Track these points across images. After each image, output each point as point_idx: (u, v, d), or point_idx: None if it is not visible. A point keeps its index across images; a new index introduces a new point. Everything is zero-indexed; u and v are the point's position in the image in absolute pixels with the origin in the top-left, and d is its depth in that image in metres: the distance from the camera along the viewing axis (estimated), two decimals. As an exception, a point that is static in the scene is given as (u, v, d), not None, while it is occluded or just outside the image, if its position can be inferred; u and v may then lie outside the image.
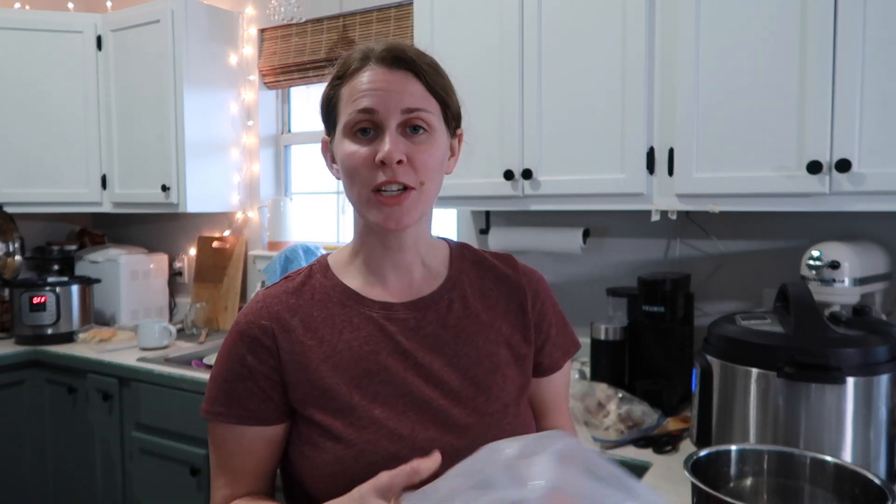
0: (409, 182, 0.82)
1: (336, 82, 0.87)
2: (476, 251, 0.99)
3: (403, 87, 0.83)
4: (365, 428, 0.82)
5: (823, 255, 1.45)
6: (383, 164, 0.81)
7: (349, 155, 0.83)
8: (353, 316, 0.88)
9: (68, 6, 3.16)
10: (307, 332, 0.86)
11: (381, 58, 0.84)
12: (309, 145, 2.91)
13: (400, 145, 0.81)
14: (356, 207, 0.87)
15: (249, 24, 2.85)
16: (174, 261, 3.11)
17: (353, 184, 0.84)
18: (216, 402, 0.86)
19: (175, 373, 2.19)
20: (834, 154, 1.41)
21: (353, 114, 0.83)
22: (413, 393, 0.84)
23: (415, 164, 0.82)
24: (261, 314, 0.87)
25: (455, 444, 0.82)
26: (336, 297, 0.89)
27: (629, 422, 1.58)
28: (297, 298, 0.89)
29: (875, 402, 1.22)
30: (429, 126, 0.84)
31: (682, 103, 1.59)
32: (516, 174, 1.81)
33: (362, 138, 0.83)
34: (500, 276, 0.96)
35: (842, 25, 1.39)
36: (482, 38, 1.85)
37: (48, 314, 2.64)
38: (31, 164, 2.75)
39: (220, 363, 0.88)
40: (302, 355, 0.85)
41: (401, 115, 0.82)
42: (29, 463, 2.58)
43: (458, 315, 0.90)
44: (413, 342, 0.87)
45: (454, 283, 0.93)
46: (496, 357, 0.90)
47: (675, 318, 1.74)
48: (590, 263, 2.10)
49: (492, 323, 0.92)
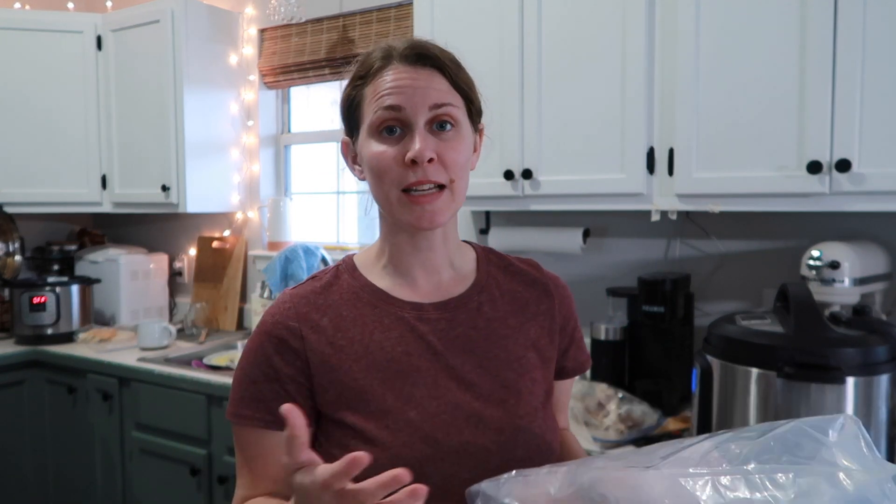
0: (440, 180, 0.81)
1: (358, 82, 0.86)
2: (501, 255, 0.99)
3: (429, 83, 0.82)
4: (400, 430, 0.80)
5: (823, 255, 1.45)
6: (413, 164, 0.80)
7: (377, 155, 0.82)
8: (384, 316, 0.87)
9: (68, 6, 3.16)
10: (337, 333, 0.85)
11: (404, 55, 0.83)
12: (309, 145, 2.91)
13: (430, 143, 0.80)
14: (385, 208, 0.86)
15: (249, 24, 2.85)
16: (174, 261, 3.11)
17: (382, 184, 0.83)
18: (241, 404, 0.85)
19: (175, 373, 2.19)
20: (834, 154, 1.41)
21: (378, 112, 0.82)
22: (446, 395, 0.83)
23: (444, 162, 0.81)
24: (288, 315, 0.86)
25: (488, 445, 0.81)
26: (366, 297, 0.88)
27: (629, 422, 1.58)
28: (325, 298, 0.88)
29: (875, 402, 1.22)
30: (455, 122, 0.83)
31: (682, 103, 1.59)
32: (516, 174, 1.81)
33: (389, 137, 0.82)
34: (527, 281, 0.96)
35: (842, 25, 1.39)
36: (482, 37, 1.85)
37: (48, 314, 2.64)
38: (31, 164, 2.75)
39: (245, 364, 0.86)
40: (333, 356, 0.84)
41: (428, 111, 0.81)
42: (29, 463, 2.59)
43: (488, 317, 0.89)
44: (444, 343, 0.86)
45: (483, 286, 0.92)
46: (525, 360, 0.89)
47: (675, 318, 1.74)
48: (590, 263, 2.10)
49: (520, 326, 0.91)
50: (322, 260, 2.55)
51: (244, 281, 2.90)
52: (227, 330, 2.86)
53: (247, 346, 0.88)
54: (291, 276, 2.47)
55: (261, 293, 2.58)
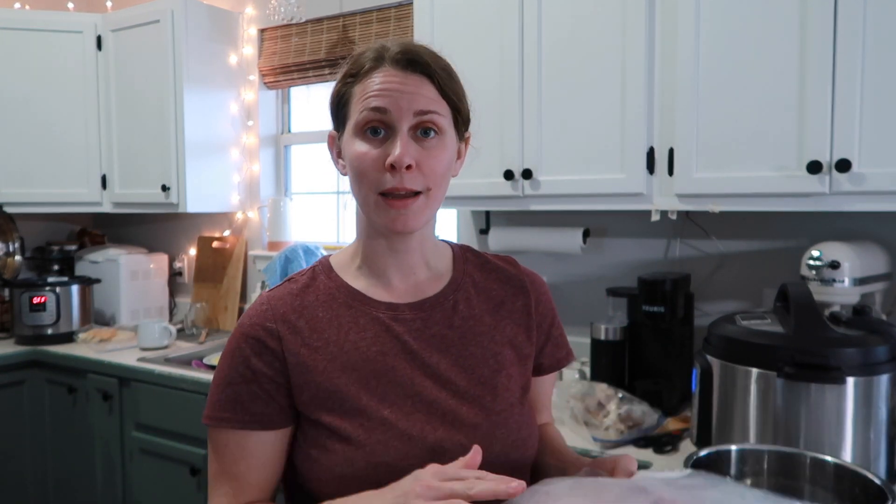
0: (416, 187, 0.82)
1: (349, 80, 0.87)
2: (479, 253, 1.00)
3: (417, 89, 0.83)
4: (375, 429, 0.81)
5: (823, 255, 1.45)
6: (392, 168, 0.81)
7: (359, 156, 0.83)
8: (359, 317, 0.88)
9: (68, 6, 3.16)
10: (313, 334, 0.86)
11: (395, 59, 0.84)
12: (309, 145, 2.91)
13: (410, 149, 0.81)
14: (363, 208, 0.87)
15: (249, 24, 2.85)
16: (174, 261, 3.11)
17: (361, 185, 0.84)
18: (219, 406, 0.85)
19: (175, 373, 2.19)
20: (834, 154, 1.41)
21: (364, 112, 0.83)
22: (421, 393, 0.84)
23: (423, 170, 0.82)
24: (265, 316, 0.87)
25: (464, 443, 0.81)
26: (341, 297, 0.89)
27: (629, 422, 1.58)
28: (301, 300, 0.89)
29: (875, 402, 1.22)
30: (440, 129, 0.84)
31: (682, 103, 1.58)
32: (516, 174, 1.81)
33: (373, 138, 0.83)
34: (503, 278, 0.97)
35: (842, 25, 1.39)
36: (482, 37, 1.85)
37: (48, 314, 2.64)
38: (31, 164, 2.75)
39: (224, 367, 0.87)
40: (309, 357, 0.85)
41: (413, 117, 0.82)
42: (29, 463, 2.58)
43: (464, 315, 0.91)
44: (420, 342, 0.87)
45: (458, 284, 0.93)
46: (501, 357, 0.90)
47: (675, 318, 1.74)
48: (590, 263, 2.10)
49: (496, 323, 0.92)
50: (322, 260, 2.54)
51: (244, 281, 2.90)
52: (227, 330, 2.86)
53: (225, 349, 0.88)
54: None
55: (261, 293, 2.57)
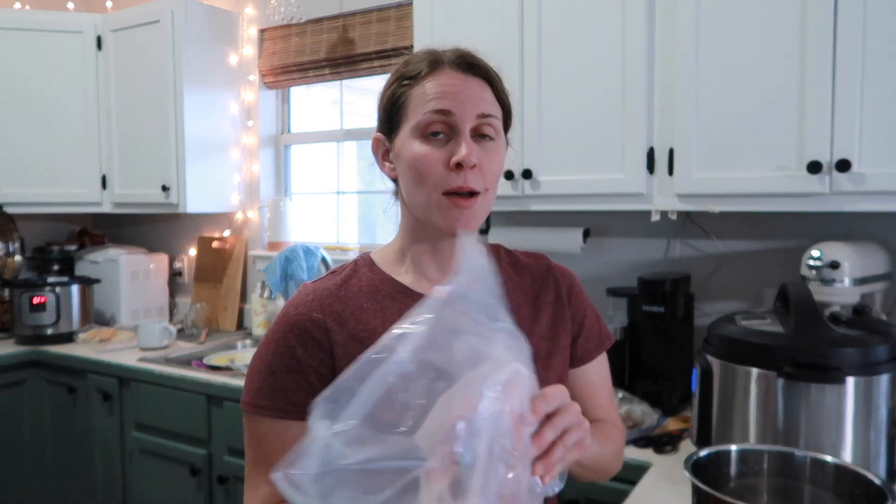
0: (477, 187, 0.84)
1: (405, 82, 0.87)
2: (510, 251, 1.03)
3: (478, 92, 0.86)
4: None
5: (823, 255, 1.45)
6: (458, 168, 0.82)
7: (420, 157, 0.84)
8: (404, 308, 0.87)
9: (68, 6, 3.16)
10: (359, 324, 0.87)
11: (455, 63, 0.86)
12: (309, 145, 2.91)
13: (474, 150, 0.83)
14: (421, 209, 0.87)
15: (249, 24, 2.85)
16: (174, 261, 3.11)
17: (423, 185, 0.84)
18: (260, 394, 0.85)
19: (175, 373, 2.19)
20: (834, 154, 1.41)
21: (427, 115, 0.84)
22: None
23: (483, 170, 0.84)
24: (312, 306, 0.87)
25: None
26: (385, 289, 0.90)
27: (629, 422, 1.58)
28: (345, 291, 0.90)
29: (875, 402, 1.22)
30: (496, 132, 0.87)
31: (682, 103, 1.58)
32: (516, 174, 1.81)
33: (434, 140, 0.84)
34: (537, 273, 1.00)
35: (842, 25, 1.39)
36: (482, 38, 1.84)
37: (48, 314, 2.64)
38: (31, 164, 2.75)
39: (266, 355, 0.87)
40: (355, 348, 0.84)
41: (475, 119, 0.84)
42: (29, 463, 2.58)
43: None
44: None
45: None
46: (540, 349, 0.92)
47: (675, 318, 1.74)
48: (590, 263, 2.10)
49: (533, 316, 0.95)
50: (322, 260, 2.55)
51: (244, 281, 2.90)
52: (227, 330, 2.86)
53: (266, 337, 0.88)
54: (291, 277, 2.47)
55: (261, 293, 2.58)
